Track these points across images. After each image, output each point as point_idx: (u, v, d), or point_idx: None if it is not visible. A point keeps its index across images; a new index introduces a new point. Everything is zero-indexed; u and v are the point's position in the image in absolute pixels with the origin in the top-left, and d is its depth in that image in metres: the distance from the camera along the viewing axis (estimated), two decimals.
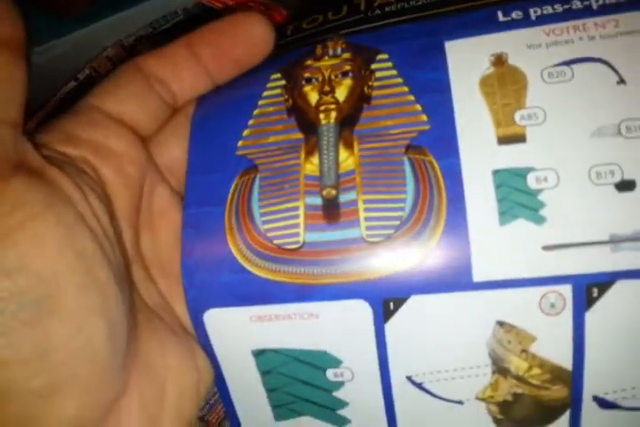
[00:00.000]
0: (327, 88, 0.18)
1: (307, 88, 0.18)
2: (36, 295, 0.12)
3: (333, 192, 0.17)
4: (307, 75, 0.19)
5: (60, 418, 0.13)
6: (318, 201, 0.17)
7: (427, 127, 0.17)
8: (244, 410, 0.18)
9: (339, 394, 0.17)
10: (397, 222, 0.16)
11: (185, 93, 0.19)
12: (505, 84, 0.17)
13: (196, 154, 0.18)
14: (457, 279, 0.15)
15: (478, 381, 0.16)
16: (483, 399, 0.16)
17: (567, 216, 0.15)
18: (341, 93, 0.18)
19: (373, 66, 0.18)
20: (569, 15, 0.17)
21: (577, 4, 0.17)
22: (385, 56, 0.18)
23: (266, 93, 0.19)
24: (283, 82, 0.19)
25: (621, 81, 0.16)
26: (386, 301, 0.16)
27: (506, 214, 0.15)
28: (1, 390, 0.12)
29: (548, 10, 0.17)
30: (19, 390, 0.12)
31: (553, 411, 0.16)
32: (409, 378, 0.16)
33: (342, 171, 0.17)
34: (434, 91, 0.17)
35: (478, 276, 0.15)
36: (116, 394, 0.14)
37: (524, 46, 0.17)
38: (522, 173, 0.16)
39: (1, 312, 0.11)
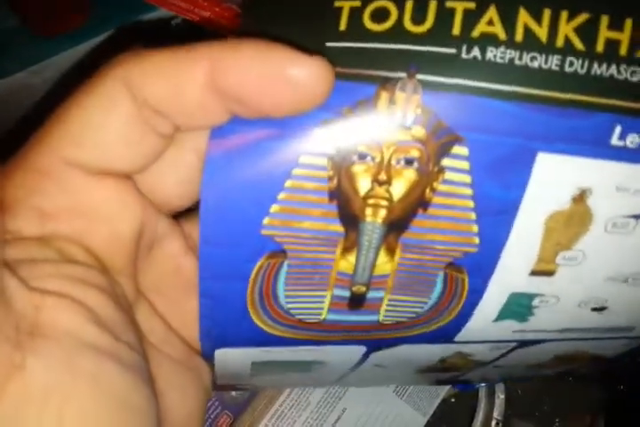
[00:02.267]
0: (384, 177, 0.14)
1: (358, 168, 0.14)
2: None
3: (363, 289, 0.16)
4: (361, 149, 0.14)
5: None
6: (346, 293, 0.16)
7: (474, 250, 0.16)
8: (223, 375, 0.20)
9: (312, 366, 0.21)
10: (413, 315, 0.17)
11: (192, 127, 0.13)
12: (571, 225, 0.15)
13: (212, 221, 0.14)
14: (441, 340, 0.19)
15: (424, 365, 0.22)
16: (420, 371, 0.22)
17: (544, 321, 0.18)
18: (398, 188, 0.14)
19: (446, 161, 0.14)
20: None
21: None
22: (464, 151, 0.14)
23: (304, 160, 0.14)
24: (329, 149, 0.14)
25: None
26: (379, 347, 0.19)
27: (500, 316, 0.18)
28: None
29: None
30: None
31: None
32: (376, 365, 0.21)
33: (377, 273, 0.16)
34: (499, 213, 0.15)
35: (458, 339, 0.19)
36: None
37: (614, 188, 0.15)
38: (531, 296, 0.17)
39: None
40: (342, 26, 0.12)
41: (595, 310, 0.16)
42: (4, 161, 0.12)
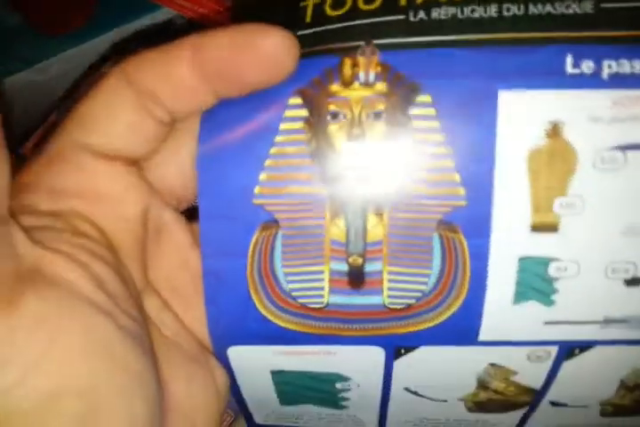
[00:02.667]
0: (357, 131, 0.14)
1: (333, 127, 0.14)
2: (79, 414, 0.11)
3: (360, 260, 0.15)
4: (332, 107, 0.14)
5: None
6: (344, 267, 0.15)
7: (462, 203, 0.14)
8: (252, 400, 0.19)
9: (342, 395, 0.19)
10: (419, 294, 0.15)
11: (185, 110, 0.15)
12: (554, 162, 0.14)
13: (209, 195, 0.15)
14: (464, 338, 0.16)
15: (463, 391, 0.18)
16: (462, 400, 0.19)
17: (574, 302, 0.15)
18: (373, 141, 0.15)
19: (413, 111, 0.14)
20: None
21: None
22: (427, 98, 0.14)
23: (284, 126, 0.15)
24: (304, 112, 0.14)
25: None
26: (398, 347, 0.16)
27: (520, 295, 0.15)
28: None
29: (625, 67, 0.13)
30: None
31: (516, 407, 0.19)
32: (406, 388, 0.18)
33: (370, 240, 0.15)
34: (476, 158, 0.14)
35: (484, 337, 0.16)
36: None
37: (586, 116, 0.14)
38: (545, 262, 0.15)
39: None
40: (308, 18, 0.15)
41: (629, 283, 0.15)
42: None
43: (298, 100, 0.14)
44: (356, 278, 0.15)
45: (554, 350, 0.16)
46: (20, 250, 0.11)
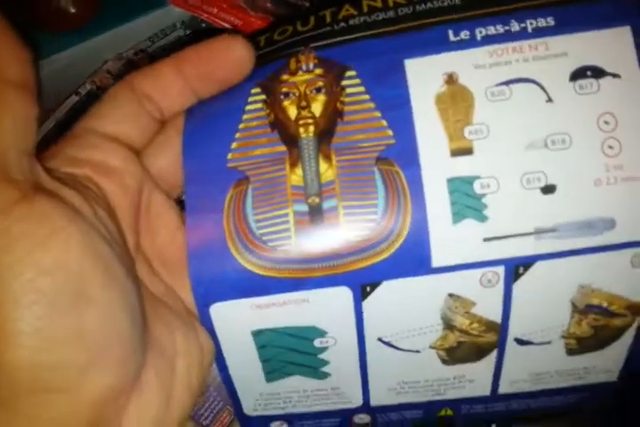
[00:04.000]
0: (304, 103, 0.17)
1: (285, 103, 0.17)
2: (69, 289, 0.12)
3: (317, 200, 0.17)
4: (284, 89, 0.17)
5: (98, 387, 0.13)
6: (304, 208, 0.17)
7: (392, 141, 0.17)
8: (239, 379, 0.19)
9: (322, 356, 0.18)
10: (372, 224, 0.17)
11: (172, 109, 0.18)
12: (456, 101, 0.17)
13: (191, 166, 0.17)
14: (420, 267, 0.17)
15: (432, 335, 0.18)
16: (434, 348, 0.19)
17: (503, 215, 0.16)
18: (317, 108, 0.17)
19: (343, 82, 0.17)
20: (508, 37, 0.16)
21: (515, 27, 0.17)
22: (353, 73, 0.17)
23: (248, 107, 0.17)
24: (263, 96, 0.17)
25: (549, 100, 0.16)
26: (363, 286, 0.17)
27: (457, 215, 0.16)
28: (47, 364, 0.12)
29: (491, 30, 0.17)
30: (62, 364, 0.12)
31: (485, 350, 0.19)
32: (379, 339, 0.18)
33: (323, 181, 0.17)
34: (396, 107, 0.17)
35: (436, 263, 0.17)
36: (139, 368, 0.14)
37: (472, 66, 0.17)
38: (470, 181, 0.16)
39: (42, 302, 0.12)
40: (261, 45, 0.20)
41: (544, 191, 0.17)
42: None
43: (258, 90, 0.17)
44: (316, 216, 0.17)
45: (500, 270, 0.17)
46: (41, 177, 0.13)
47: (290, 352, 0.18)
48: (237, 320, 0.17)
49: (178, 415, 0.15)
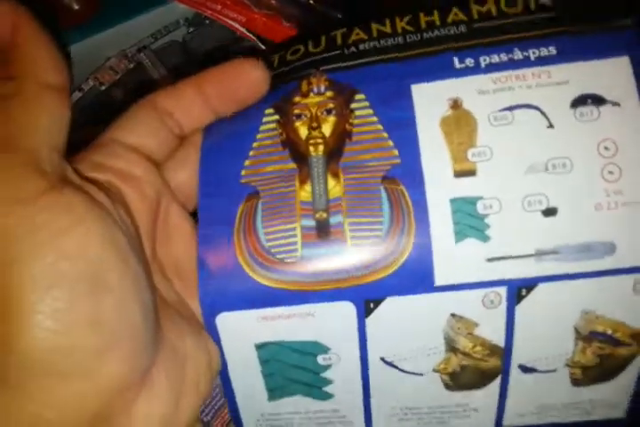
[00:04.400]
0: (315, 124, 0.20)
1: (297, 123, 0.20)
2: (88, 275, 0.14)
3: (324, 215, 0.19)
4: (296, 111, 0.20)
5: (110, 375, 0.14)
6: (312, 223, 0.19)
7: (398, 161, 0.19)
8: (242, 395, 0.20)
9: (325, 374, 0.20)
10: (377, 240, 0.18)
11: (192, 126, 0.20)
12: (460, 125, 0.19)
13: (206, 180, 0.19)
14: (423, 284, 0.18)
15: (435, 357, 0.19)
16: (437, 371, 0.20)
17: (505, 235, 0.18)
18: (327, 129, 0.20)
19: (353, 105, 0.19)
20: (512, 65, 0.19)
21: (518, 55, 0.19)
22: (362, 96, 0.20)
23: (263, 128, 0.20)
24: (276, 117, 0.20)
25: (550, 125, 0.19)
26: (367, 301, 0.19)
27: (459, 234, 0.18)
28: (62, 347, 0.13)
29: (495, 59, 0.19)
30: (78, 348, 0.13)
31: (489, 376, 0.20)
32: (382, 359, 0.20)
33: (331, 197, 0.19)
34: (402, 128, 0.19)
35: (439, 281, 0.18)
36: (150, 364, 0.16)
37: (476, 92, 0.19)
38: (472, 201, 0.18)
39: (61, 286, 0.13)
40: (275, 65, 0.23)
41: (546, 213, 0.19)
42: None
43: (271, 111, 0.20)
44: (323, 230, 0.19)
45: (503, 291, 0.19)
46: (68, 172, 0.16)
47: (293, 368, 0.19)
48: (242, 332, 0.19)
49: (186, 418, 0.17)
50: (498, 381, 0.19)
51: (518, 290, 0.18)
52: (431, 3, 0.20)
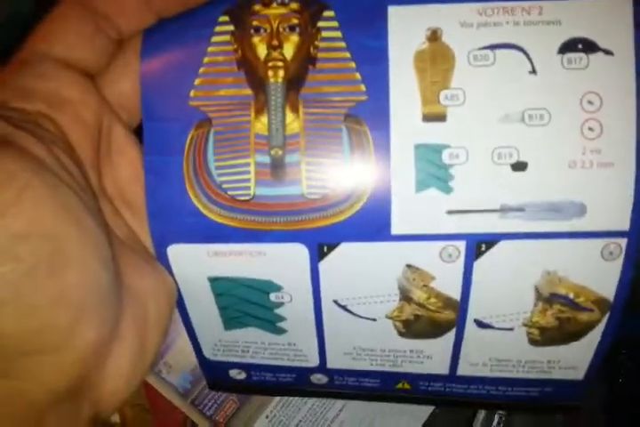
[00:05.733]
0: (275, 42, 0.22)
1: (255, 39, 0.23)
2: (47, 252, 0.16)
3: (280, 152, 0.23)
4: (255, 23, 0.23)
5: (85, 343, 0.17)
6: (267, 159, 0.23)
7: (364, 98, 0.22)
8: (198, 323, 0.25)
9: (278, 311, 0.25)
10: (334, 183, 0.22)
11: (130, 28, 0.21)
12: (436, 61, 0.22)
13: (150, 99, 0.23)
14: (379, 232, 0.23)
15: (388, 305, 0.24)
16: (391, 318, 0.25)
17: (469, 188, 0.22)
18: (289, 50, 0.22)
19: (320, 23, 0.22)
20: None
21: None
22: (331, 13, 0.22)
23: (215, 39, 0.22)
24: (231, 27, 0.22)
25: (533, 71, 0.22)
26: (320, 245, 0.23)
27: (421, 183, 0.22)
28: (33, 328, 0.16)
29: None
30: (48, 327, 0.16)
31: (443, 328, 0.25)
32: (335, 301, 0.24)
33: (288, 133, 0.23)
34: (373, 60, 0.22)
35: (395, 230, 0.23)
36: (118, 318, 0.19)
37: (458, 24, 0.22)
38: (438, 149, 0.22)
39: (21, 270, 0.15)
40: None
41: (515, 168, 0.23)
42: None
43: (226, 18, 0.23)
44: (278, 169, 0.23)
45: (462, 245, 0.23)
46: None
47: (246, 303, 0.25)
48: (194, 265, 0.24)
49: (151, 356, 0.22)
50: (453, 332, 0.24)
51: (478, 245, 0.22)
52: None
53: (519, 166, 0.21)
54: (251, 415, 0.37)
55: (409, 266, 0.23)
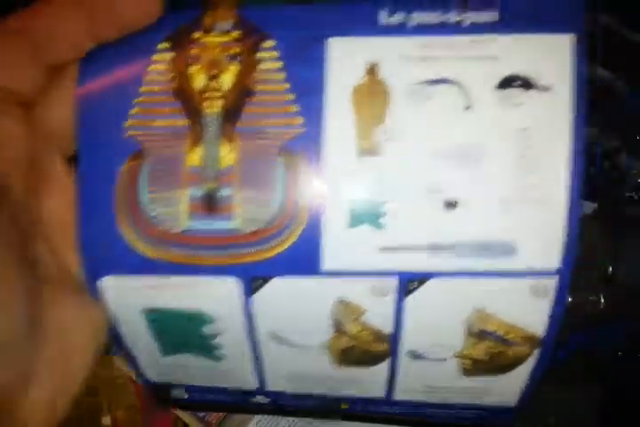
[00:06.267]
0: (214, 72, 0.22)
1: (193, 68, 0.22)
2: None
3: (214, 185, 0.22)
4: (194, 51, 0.22)
5: None
6: (200, 192, 0.22)
7: (300, 130, 0.22)
8: (137, 350, 0.25)
9: (214, 341, 0.25)
10: (267, 218, 0.22)
11: (68, 54, 0.21)
12: (373, 95, 0.22)
13: (85, 127, 0.22)
14: (311, 267, 0.22)
15: (323, 335, 0.24)
16: (326, 347, 0.25)
17: (401, 225, 0.22)
18: (227, 80, 0.22)
19: (260, 54, 0.22)
20: (443, 29, 0.21)
21: (454, 17, 0.22)
22: (272, 43, 0.22)
23: (152, 67, 0.22)
24: (170, 54, 0.22)
25: (469, 107, 0.22)
26: (252, 279, 0.23)
27: (355, 219, 0.22)
28: None
29: (427, 18, 0.21)
30: None
31: (377, 358, 0.25)
32: (270, 332, 0.24)
33: (223, 166, 0.22)
34: (311, 92, 0.22)
35: (327, 265, 0.23)
36: (32, 359, 0.19)
37: (398, 57, 0.22)
38: (372, 185, 0.22)
39: None
40: None
41: (446, 205, 0.22)
42: None
43: (165, 45, 0.22)
44: (212, 203, 0.22)
45: (393, 282, 0.23)
46: None
47: (181, 332, 0.25)
48: (126, 296, 0.23)
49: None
50: (387, 362, 0.24)
51: (409, 282, 0.22)
52: None
53: (451, 204, 0.21)
54: (244, 418, 0.37)
55: (341, 300, 0.23)
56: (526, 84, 0.21)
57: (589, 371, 0.33)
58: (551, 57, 0.21)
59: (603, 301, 0.29)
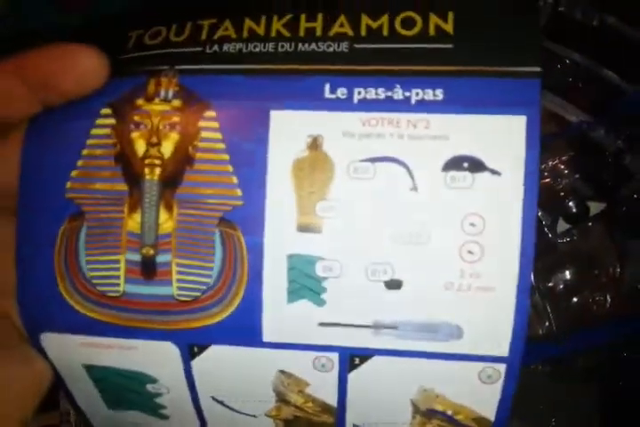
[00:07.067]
0: (154, 139, 0.22)
1: (135, 134, 0.22)
2: None
3: (151, 251, 0.22)
4: (136, 118, 0.22)
5: None
6: (137, 257, 0.22)
7: (240, 203, 0.21)
8: (83, 402, 0.25)
9: (157, 400, 0.25)
10: (204, 287, 0.22)
11: (15, 116, 0.22)
12: (314, 171, 0.21)
13: (27, 188, 0.22)
14: (250, 338, 0.22)
15: (266, 404, 0.24)
16: (270, 416, 0.24)
17: (342, 302, 0.21)
18: (167, 148, 0.22)
19: (200, 123, 0.22)
20: (388, 105, 0.21)
21: (398, 94, 0.21)
22: (213, 114, 0.21)
23: (94, 131, 0.22)
24: (112, 120, 0.22)
25: (414, 188, 0.21)
26: (191, 345, 0.23)
27: (293, 294, 0.21)
28: None
29: (371, 94, 0.21)
30: None
31: None
32: (212, 397, 0.24)
33: (161, 232, 0.22)
34: (251, 164, 0.21)
35: (267, 337, 0.22)
36: None
37: (340, 133, 0.21)
38: (312, 261, 0.21)
39: None
40: (130, 45, 0.24)
41: (389, 285, 0.21)
42: None
43: (108, 111, 0.22)
44: (148, 268, 0.22)
45: (335, 357, 0.22)
46: None
47: (125, 390, 0.24)
48: (67, 353, 0.23)
49: None
50: None
51: (351, 358, 0.21)
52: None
53: (393, 284, 0.20)
54: None
55: (282, 371, 0.22)
56: (474, 166, 0.20)
57: (589, 371, 0.32)
58: (504, 140, 0.20)
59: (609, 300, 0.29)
